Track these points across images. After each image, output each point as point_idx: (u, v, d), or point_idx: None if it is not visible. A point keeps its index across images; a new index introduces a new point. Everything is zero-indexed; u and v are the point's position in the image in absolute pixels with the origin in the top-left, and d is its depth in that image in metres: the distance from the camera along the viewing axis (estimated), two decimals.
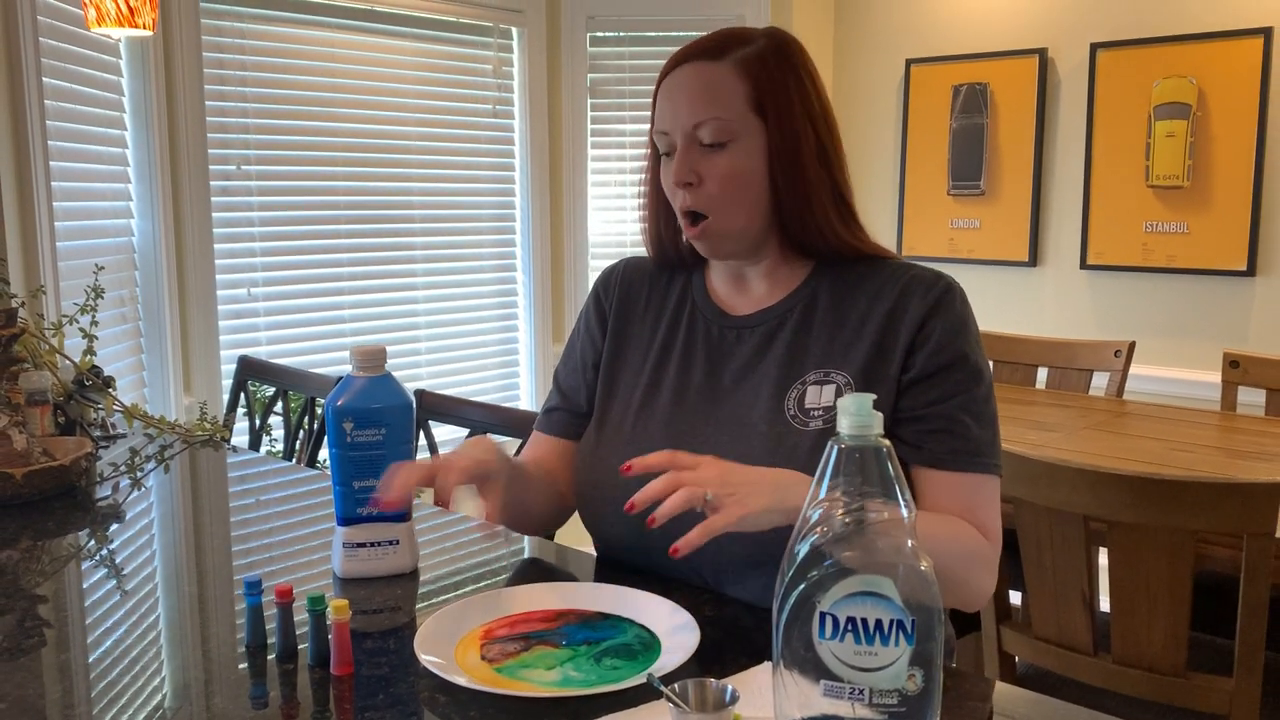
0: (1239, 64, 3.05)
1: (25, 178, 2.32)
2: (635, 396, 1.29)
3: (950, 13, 3.62)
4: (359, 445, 1.23)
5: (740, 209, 1.20)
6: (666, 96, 1.22)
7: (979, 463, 1.17)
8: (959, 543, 1.13)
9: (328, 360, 3.24)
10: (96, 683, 1.01)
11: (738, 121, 1.18)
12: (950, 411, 1.16)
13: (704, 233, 1.21)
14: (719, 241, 1.22)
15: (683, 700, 0.81)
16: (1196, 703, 1.58)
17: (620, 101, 3.75)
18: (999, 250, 3.56)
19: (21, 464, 1.64)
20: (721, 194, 1.19)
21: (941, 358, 1.17)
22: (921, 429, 1.17)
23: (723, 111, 1.18)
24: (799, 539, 0.76)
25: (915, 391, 1.17)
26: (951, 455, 1.16)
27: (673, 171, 1.20)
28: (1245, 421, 2.39)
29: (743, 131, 1.18)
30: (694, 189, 1.19)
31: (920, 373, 1.17)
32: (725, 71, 1.19)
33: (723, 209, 1.20)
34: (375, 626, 1.13)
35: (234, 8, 2.99)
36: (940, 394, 1.17)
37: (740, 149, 1.19)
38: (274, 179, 3.14)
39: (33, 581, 1.29)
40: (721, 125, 1.18)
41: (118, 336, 2.73)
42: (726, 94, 1.18)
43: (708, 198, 1.19)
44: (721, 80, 1.19)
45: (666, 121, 1.21)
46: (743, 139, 1.19)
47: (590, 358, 1.37)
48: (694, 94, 1.19)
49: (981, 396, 1.18)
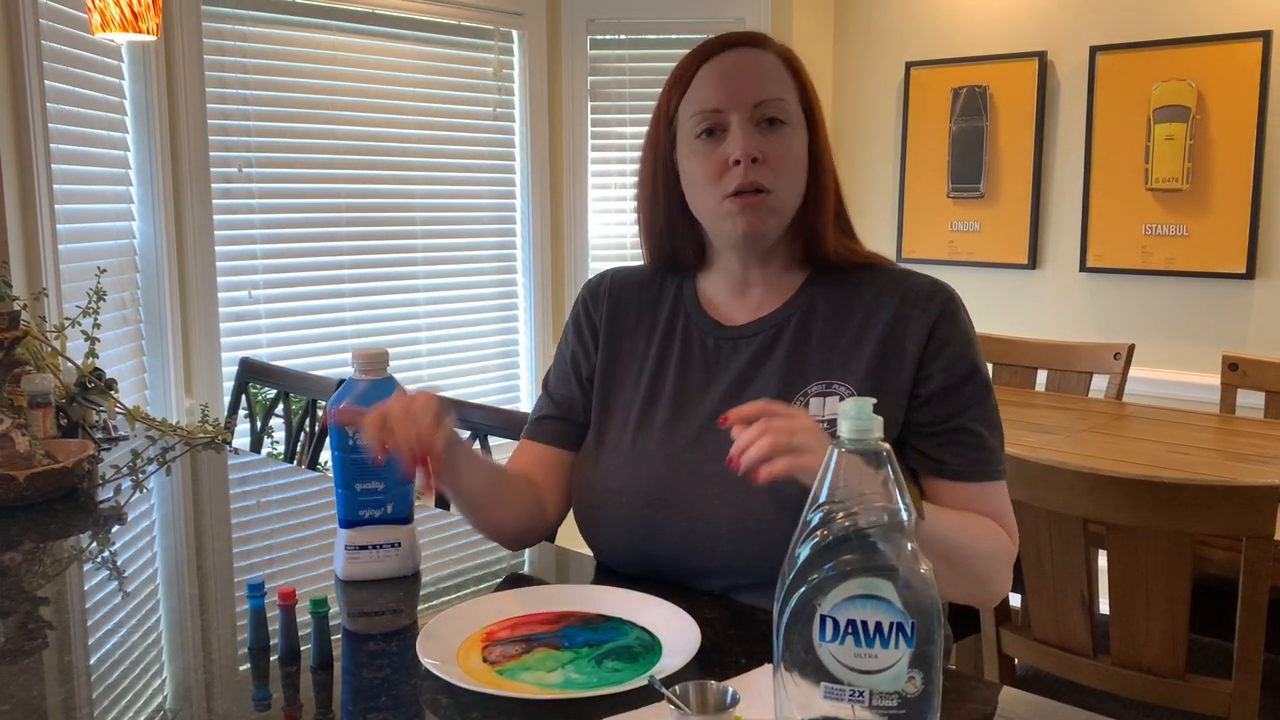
0: (1238, 67, 3.05)
1: (27, 181, 2.33)
2: (632, 413, 1.27)
3: (950, 16, 3.63)
4: (360, 448, 1.23)
5: (794, 191, 1.22)
6: (717, 75, 1.21)
7: (993, 470, 1.20)
8: (994, 542, 1.17)
9: (329, 362, 3.25)
10: (98, 684, 1.01)
11: (793, 109, 1.21)
12: (967, 424, 1.18)
13: (760, 204, 1.19)
14: (768, 217, 1.20)
15: (684, 702, 0.81)
16: (1195, 705, 1.58)
17: (620, 104, 3.76)
18: (998, 253, 3.57)
19: (24, 466, 1.64)
20: (783, 171, 1.19)
21: (957, 371, 1.18)
22: (941, 443, 1.18)
23: (786, 94, 1.20)
24: (799, 542, 0.77)
25: (934, 407, 1.18)
26: (972, 468, 1.18)
27: (739, 146, 1.17)
28: (1244, 424, 2.40)
29: (795, 120, 1.21)
30: (757, 165, 1.18)
31: (938, 387, 1.18)
32: (775, 62, 1.22)
33: (783, 186, 1.20)
34: (377, 629, 1.14)
35: (235, 11, 3.00)
36: (958, 407, 1.18)
37: (794, 134, 1.21)
38: (275, 181, 3.15)
39: (35, 583, 1.30)
40: (782, 107, 1.19)
41: (119, 339, 2.73)
42: (781, 81, 1.21)
43: (771, 173, 1.18)
44: (775, 68, 1.22)
45: (719, 98, 1.19)
46: (796, 126, 1.21)
47: (584, 369, 1.34)
48: (754, 75, 1.20)
49: (991, 406, 1.21)
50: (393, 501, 1.26)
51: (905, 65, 3.71)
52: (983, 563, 1.15)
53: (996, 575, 1.18)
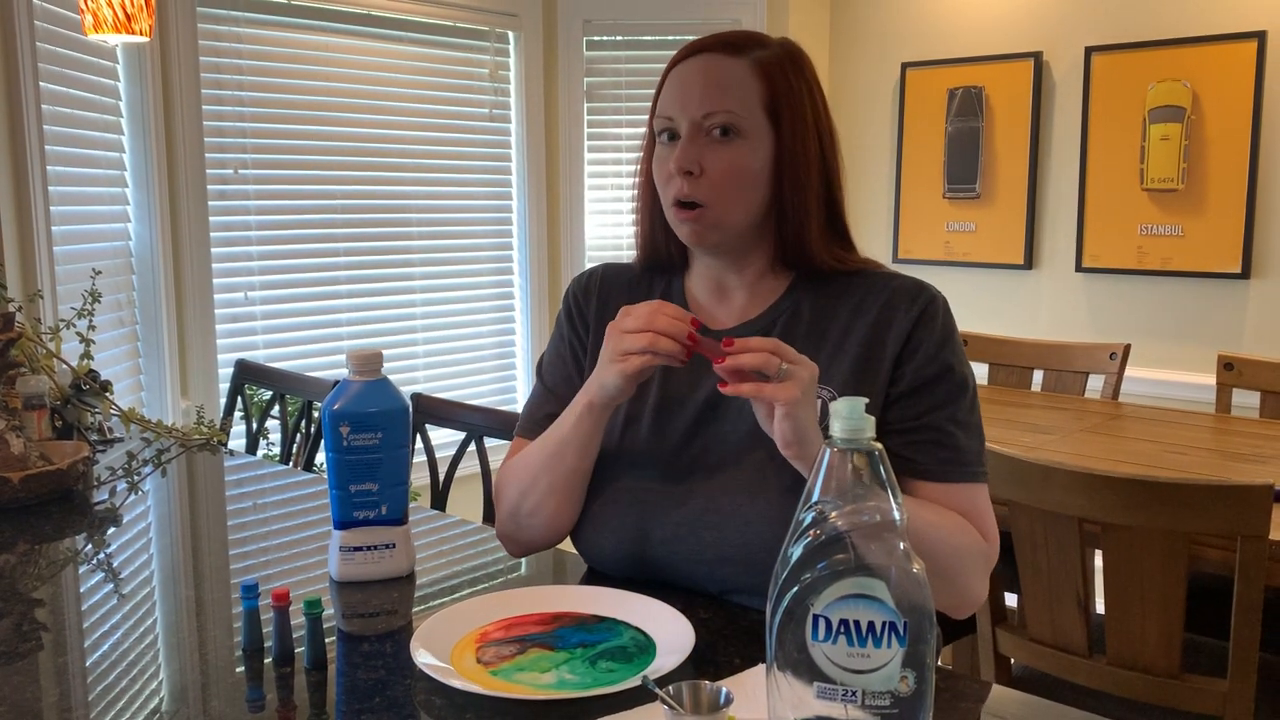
0: (1233, 67, 3.06)
1: (22, 183, 2.33)
2: (620, 414, 1.26)
3: (946, 16, 3.63)
4: (355, 449, 1.23)
5: (738, 205, 1.19)
6: (677, 82, 1.20)
7: (970, 472, 1.17)
8: (961, 536, 1.13)
9: (325, 364, 3.24)
10: (94, 686, 1.01)
11: (748, 119, 1.17)
12: (938, 423, 1.16)
13: (697, 219, 1.18)
14: (708, 231, 1.19)
15: (677, 702, 0.81)
16: (1191, 704, 1.58)
17: (616, 105, 3.76)
18: (994, 253, 3.57)
19: (19, 468, 1.64)
20: (722, 186, 1.17)
21: (928, 371, 1.17)
22: (910, 441, 1.17)
23: (736, 106, 1.17)
24: (792, 541, 0.77)
25: (902, 405, 1.17)
26: (942, 467, 1.16)
27: (674, 158, 1.17)
28: (1240, 424, 2.40)
29: (751, 131, 1.17)
30: (693, 179, 1.17)
31: (908, 386, 1.17)
32: (743, 69, 1.18)
33: (721, 201, 1.18)
34: (371, 630, 1.14)
35: (230, 13, 3.00)
36: (927, 406, 1.17)
37: (746, 146, 1.17)
38: (271, 183, 3.15)
39: (30, 585, 1.30)
40: (732, 119, 1.16)
41: (115, 340, 2.73)
42: (742, 90, 1.17)
43: (708, 188, 1.17)
44: (739, 76, 1.18)
45: (673, 106, 1.19)
46: (750, 138, 1.17)
47: (575, 370, 1.33)
48: (708, 84, 1.17)
49: (967, 407, 1.19)
50: (387, 503, 1.26)
51: (901, 66, 3.72)
52: (950, 558, 1.11)
53: (966, 572, 1.14)
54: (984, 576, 1.17)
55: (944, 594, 1.13)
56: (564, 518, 1.25)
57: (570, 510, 1.25)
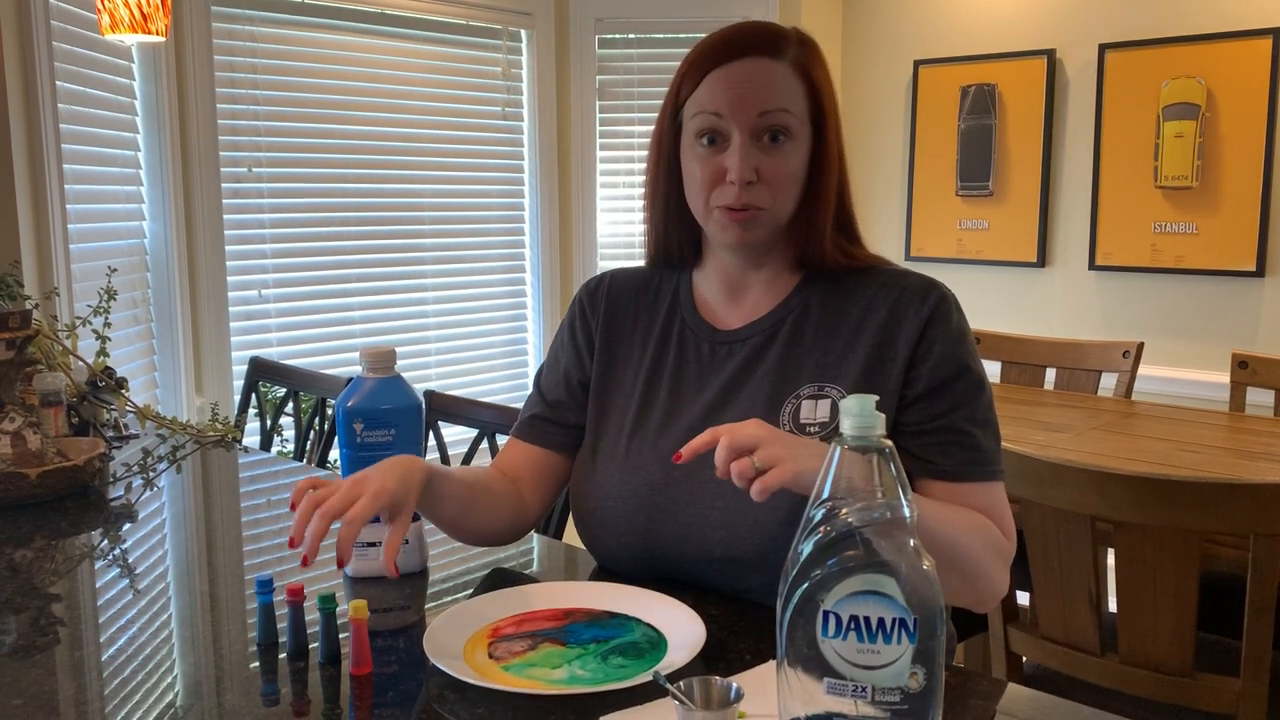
0: (1248, 64, 3.04)
1: (39, 181, 2.34)
2: (628, 420, 1.27)
3: (958, 14, 3.62)
4: (369, 446, 1.24)
5: (789, 204, 1.20)
6: (724, 83, 1.18)
7: (989, 471, 1.17)
8: (982, 535, 1.13)
9: (338, 361, 3.26)
10: (110, 680, 1.02)
11: (797, 121, 1.18)
12: (957, 424, 1.16)
13: (749, 220, 1.18)
14: (758, 230, 1.19)
15: (688, 698, 0.82)
16: (1203, 703, 1.58)
17: (629, 103, 3.76)
18: (1007, 251, 3.56)
19: (36, 464, 1.65)
20: (776, 190, 1.18)
21: (944, 371, 1.17)
22: (929, 442, 1.16)
23: (793, 105, 1.17)
24: (802, 538, 0.77)
25: (920, 406, 1.17)
26: (963, 467, 1.16)
27: (735, 167, 1.16)
28: (1254, 422, 2.39)
29: (798, 132, 1.18)
30: (753, 186, 1.17)
31: (925, 387, 1.17)
32: (786, 72, 1.18)
33: (774, 205, 1.18)
34: (385, 625, 1.14)
35: (245, 11, 3.01)
36: (946, 407, 1.17)
37: (794, 149, 1.18)
38: (285, 181, 3.16)
39: (47, 580, 1.31)
40: (786, 121, 1.17)
41: (130, 338, 2.75)
42: (790, 94, 1.18)
43: (764, 193, 1.17)
44: (785, 79, 1.18)
45: (724, 104, 1.17)
46: (798, 139, 1.18)
47: (575, 374, 1.34)
48: (764, 85, 1.17)
49: (984, 405, 1.19)
50: None
51: (914, 64, 3.71)
52: (973, 558, 1.11)
53: (988, 570, 1.14)
54: (1005, 572, 1.17)
55: (967, 592, 1.14)
56: (486, 529, 1.28)
57: (483, 524, 1.27)
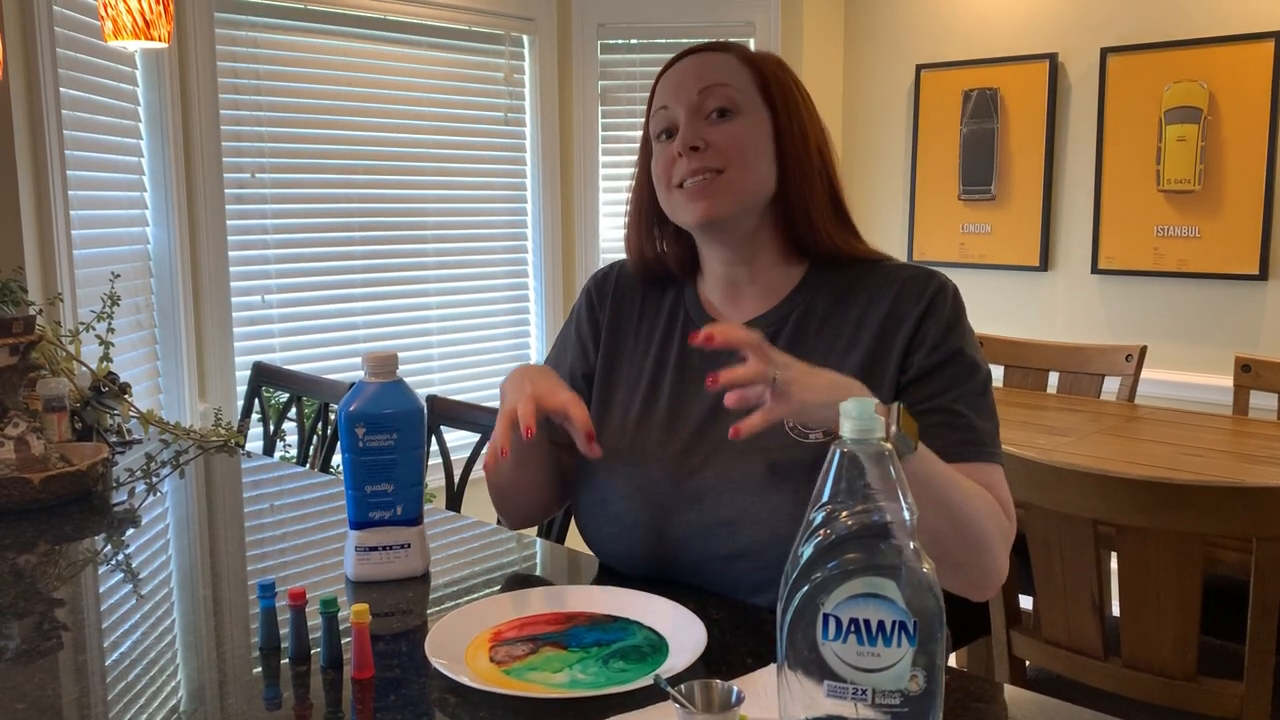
0: (1250, 68, 3.04)
1: (43, 187, 2.35)
2: (631, 414, 1.28)
3: (960, 18, 3.62)
4: (371, 450, 1.24)
5: (747, 172, 1.19)
6: (668, 81, 1.24)
7: (984, 452, 1.16)
8: (989, 505, 1.12)
9: (341, 366, 3.26)
10: (114, 684, 1.02)
11: (744, 97, 1.20)
12: (948, 405, 1.16)
13: (706, 186, 1.18)
14: (719, 195, 1.18)
15: (689, 701, 0.82)
16: (1207, 707, 1.58)
17: (631, 108, 3.77)
18: (1010, 255, 3.56)
19: (39, 469, 1.66)
20: (729, 153, 1.18)
21: (936, 355, 1.18)
22: (923, 425, 1.16)
23: (732, 80, 1.20)
24: (802, 541, 0.77)
25: (913, 389, 1.18)
26: (958, 448, 1.15)
27: (678, 138, 1.19)
28: (1257, 426, 2.39)
29: (750, 108, 1.20)
30: (698, 153, 1.18)
31: (918, 372, 1.18)
32: (731, 59, 1.23)
33: (731, 166, 1.18)
34: (387, 629, 1.15)
35: (248, 18, 3.02)
36: (937, 389, 1.17)
37: (748, 121, 1.20)
38: (288, 187, 3.17)
39: (50, 585, 1.31)
40: (729, 94, 1.19)
41: (134, 343, 2.75)
42: (734, 74, 1.21)
43: (715, 155, 1.18)
44: (729, 64, 1.22)
45: (668, 96, 1.22)
46: (750, 114, 1.20)
47: (580, 368, 1.35)
48: (704, 67, 1.21)
49: (978, 389, 1.18)
50: (402, 503, 1.27)
51: (916, 68, 3.71)
52: (974, 523, 1.09)
53: (993, 546, 1.12)
54: (1006, 552, 1.16)
55: (973, 568, 1.12)
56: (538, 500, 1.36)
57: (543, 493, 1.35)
